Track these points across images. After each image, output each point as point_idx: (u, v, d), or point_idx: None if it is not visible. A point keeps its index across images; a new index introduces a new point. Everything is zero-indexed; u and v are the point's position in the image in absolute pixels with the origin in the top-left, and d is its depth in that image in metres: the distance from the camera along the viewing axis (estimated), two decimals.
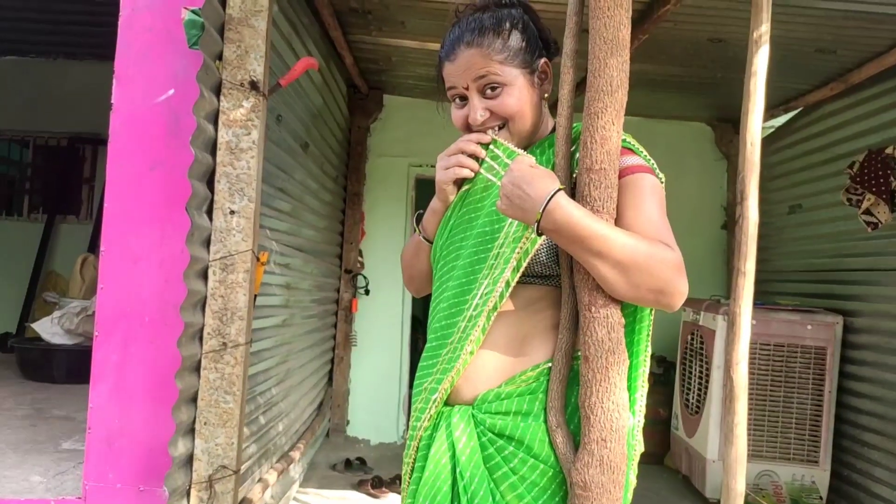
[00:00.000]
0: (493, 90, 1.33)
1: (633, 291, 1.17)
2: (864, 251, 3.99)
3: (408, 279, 1.60)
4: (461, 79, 1.34)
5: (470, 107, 1.35)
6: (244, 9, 2.39)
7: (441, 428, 1.31)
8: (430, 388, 1.34)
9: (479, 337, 1.28)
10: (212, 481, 2.36)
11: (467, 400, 1.32)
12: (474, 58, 1.32)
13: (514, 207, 1.21)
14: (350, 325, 5.31)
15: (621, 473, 1.19)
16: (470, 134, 1.37)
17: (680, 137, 5.55)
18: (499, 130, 1.35)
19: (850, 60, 3.83)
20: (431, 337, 1.39)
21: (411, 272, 1.57)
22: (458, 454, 1.28)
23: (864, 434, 3.88)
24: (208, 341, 2.38)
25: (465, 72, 1.34)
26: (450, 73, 1.36)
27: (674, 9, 3.09)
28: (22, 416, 3.70)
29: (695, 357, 4.36)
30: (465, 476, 1.26)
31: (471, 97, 1.35)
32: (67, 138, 6.48)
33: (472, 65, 1.33)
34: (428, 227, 1.49)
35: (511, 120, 1.34)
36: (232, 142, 2.40)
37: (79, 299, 5.02)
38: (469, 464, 1.26)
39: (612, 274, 1.15)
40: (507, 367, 1.29)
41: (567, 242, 1.19)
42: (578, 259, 1.20)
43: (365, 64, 4.61)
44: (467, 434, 1.28)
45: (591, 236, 1.15)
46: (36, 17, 5.15)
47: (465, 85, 1.34)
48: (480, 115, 1.34)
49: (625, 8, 1.22)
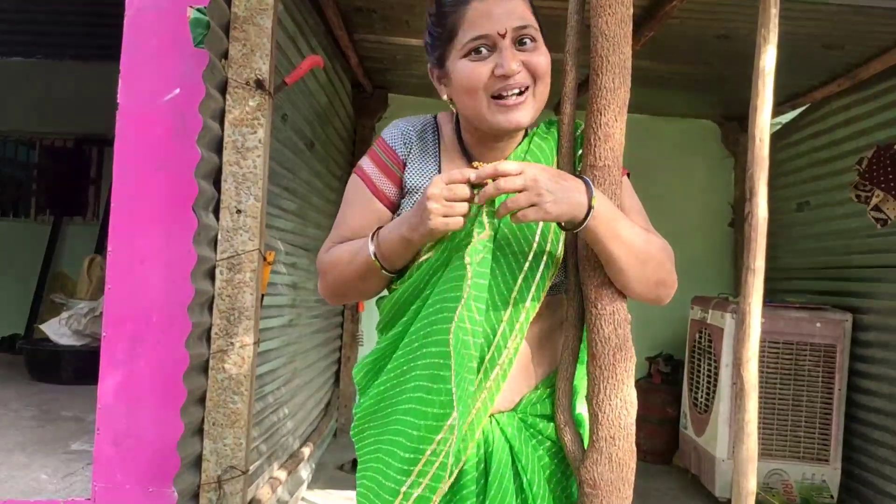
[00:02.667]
0: (525, 44, 1.17)
1: (642, 285, 1.19)
2: (874, 248, 3.96)
3: (336, 293, 1.32)
4: (499, 23, 1.14)
5: (503, 56, 1.15)
6: (249, 7, 2.38)
7: (493, 435, 1.23)
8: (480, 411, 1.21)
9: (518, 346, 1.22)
10: (221, 482, 2.36)
11: (504, 408, 1.25)
12: (515, 1, 1.17)
13: (565, 203, 1.08)
14: (357, 324, 5.30)
15: (630, 471, 1.19)
16: (462, 171, 1.11)
17: (687, 135, 5.54)
18: (521, 93, 1.18)
19: (857, 56, 3.81)
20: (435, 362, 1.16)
21: (346, 290, 1.30)
22: (517, 457, 1.22)
23: (875, 432, 3.85)
24: (216, 341, 2.38)
25: (505, 14, 1.15)
26: (480, 13, 1.15)
27: (680, 5, 3.07)
28: (30, 417, 3.71)
29: (703, 355, 4.34)
30: (527, 477, 1.21)
31: (504, 46, 1.15)
32: (74, 139, 6.50)
33: (515, 9, 1.16)
34: (394, 261, 1.20)
35: (538, 82, 1.19)
36: (238, 141, 2.40)
37: (86, 300, 5.03)
38: (528, 467, 1.22)
39: (631, 264, 1.16)
40: (537, 373, 1.27)
41: (602, 235, 1.13)
42: (601, 251, 1.15)
43: (370, 63, 4.61)
44: (521, 438, 1.23)
45: (626, 227, 1.15)
46: (41, 18, 5.16)
47: (504, 31, 1.14)
48: (517, 64, 1.15)
49: (626, 5, 1.21)
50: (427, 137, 1.31)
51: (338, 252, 1.27)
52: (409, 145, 1.30)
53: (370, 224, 1.26)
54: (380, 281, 1.25)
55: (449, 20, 1.19)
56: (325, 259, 1.30)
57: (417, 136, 1.31)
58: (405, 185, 1.29)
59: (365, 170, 1.30)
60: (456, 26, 1.18)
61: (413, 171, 1.29)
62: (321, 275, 1.31)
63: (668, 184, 5.32)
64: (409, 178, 1.29)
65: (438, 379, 1.12)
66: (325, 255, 1.30)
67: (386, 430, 1.21)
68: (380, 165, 1.29)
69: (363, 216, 1.28)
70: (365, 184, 1.29)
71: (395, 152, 1.30)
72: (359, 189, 1.30)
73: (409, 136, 1.30)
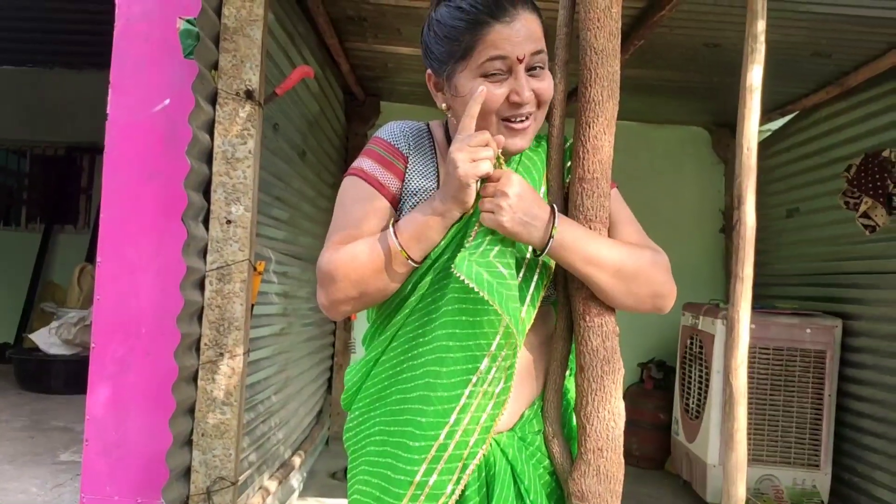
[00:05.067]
0: (536, 70, 1.19)
1: (631, 299, 1.19)
2: (863, 254, 3.98)
3: (351, 296, 1.19)
4: (520, 47, 1.15)
5: (519, 83, 1.16)
6: (239, 18, 2.39)
7: (495, 456, 1.22)
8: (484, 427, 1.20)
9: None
10: (210, 493, 2.35)
11: (503, 429, 1.24)
12: (534, 25, 1.17)
13: (521, 224, 1.13)
14: (349, 332, 5.29)
15: (618, 483, 1.19)
16: (484, 132, 1.15)
17: (678, 142, 5.56)
18: (525, 120, 1.20)
19: (846, 64, 3.84)
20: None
21: (365, 288, 1.18)
22: (519, 478, 1.22)
23: (865, 437, 3.87)
24: (205, 352, 2.37)
25: (525, 39, 1.15)
26: (502, 37, 1.15)
27: (669, 14, 3.09)
28: (20, 427, 3.69)
29: (694, 361, 4.35)
30: (530, 498, 1.21)
31: (519, 71, 1.16)
32: (65, 148, 6.48)
33: (533, 33, 1.16)
34: (422, 244, 1.17)
35: (541, 108, 1.22)
36: (228, 151, 2.39)
37: (76, 309, 5.01)
38: (531, 489, 1.22)
39: (612, 283, 1.17)
40: (533, 389, 1.27)
41: (571, 261, 1.16)
42: (578, 273, 1.18)
43: (361, 71, 4.62)
44: (521, 459, 1.23)
45: (602, 248, 1.16)
46: (32, 26, 5.16)
47: (522, 56, 1.15)
48: (529, 93, 1.17)
49: (614, 19, 1.22)
50: (423, 141, 1.31)
51: (352, 250, 1.18)
52: (408, 142, 1.28)
53: (378, 220, 1.23)
54: (401, 276, 1.19)
55: (465, 37, 1.17)
56: (336, 259, 1.18)
57: (415, 137, 1.30)
58: (406, 185, 1.26)
59: (365, 169, 1.25)
60: (473, 45, 1.16)
61: (415, 170, 1.27)
62: (328, 279, 1.18)
63: (659, 190, 5.34)
64: (411, 178, 1.26)
65: (447, 361, 1.15)
66: (335, 255, 1.19)
67: (394, 420, 1.21)
68: (381, 162, 1.25)
69: (370, 213, 1.23)
70: (368, 182, 1.24)
71: (396, 148, 1.27)
72: (360, 188, 1.24)
73: (408, 134, 1.30)
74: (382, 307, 1.27)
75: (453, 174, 1.11)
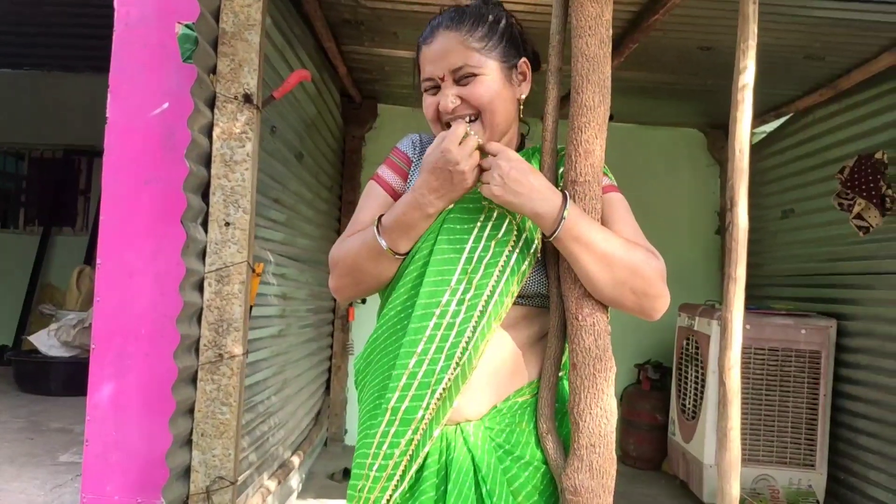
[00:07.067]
0: (466, 79, 1.29)
1: (615, 291, 1.20)
2: (857, 255, 4.01)
3: (347, 283, 1.36)
4: (437, 66, 1.29)
5: (442, 94, 1.30)
6: (237, 23, 2.41)
7: (455, 443, 1.27)
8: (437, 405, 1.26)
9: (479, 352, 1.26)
10: (209, 493, 2.37)
11: (472, 417, 1.28)
12: (452, 42, 1.28)
13: (513, 194, 1.19)
14: (347, 333, 5.32)
15: (610, 478, 1.21)
16: (456, 126, 1.25)
17: (673, 144, 5.59)
18: (471, 122, 1.29)
19: (838, 66, 3.87)
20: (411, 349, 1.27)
21: (358, 276, 1.34)
22: (478, 467, 1.25)
23: (860, 437, 3.90)
24: (204, 353, 2.39)
25: (441, 58, 1.29)
26: (426, 57, 1.31)
27: (663, 18, 3.12)
28: (19, 429, 3.71)
29: (690, 362, 4.38)
30: (488, 485, 1.24)
31: (444, 86, 1.30)
32: (63, 150, 6.50)
33: (450, 51, 1.28)
34: (407, 238, 1.29)
35: (483, 111, 1.29)
36: (226, 154, 2.42)
37: (75, 311, 5.03)
38: (488, 477, 1.24)
39: (597, 269, 1.19)
40: (508, 385, 1.29)
41: (575, 245, 1.19)
42: (564, 251, 1.21)
43: (358, 74, 4.64)
44: (484, 449, 1.26)
45: (587, 231, 1.19)
46: (30, 29, 5.17)
47: (442, 75, 1.29)
48: (452, 101, 1.28)
49: (605, 26, 1.24)
50: (428, 147, 1.39)
51: (349, 242, 1.35)
52: (415, 148, 1.44)
53: (380, 213, 1.36)
54: (389, 264, 1.31)
55: (418, 58, 1.37)
56: (337, 249, 1.37)
57: (423, 145, 1.45)
58: (409, 184, 1.40)
59: (380, 174, 1.42)
60: (419, 65, 1.36)
61: (416, 171, 1.40)
62: (332, 266, 1.37)
63: (655, 192, 5.37)
64: (413, 178, 1.40)
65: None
66: (338, 245, 1.37)
67: (389, 363, 1.31)
68: (392, 167, 1.43)
69: (375, 210, 1.36)
70: (380, 185, 1.41)
71: (404, 153, 1.44)
72: (373, 189, 1.41)
73: (417, 142, 1.45)
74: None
75: (442, 166, 1.22)
